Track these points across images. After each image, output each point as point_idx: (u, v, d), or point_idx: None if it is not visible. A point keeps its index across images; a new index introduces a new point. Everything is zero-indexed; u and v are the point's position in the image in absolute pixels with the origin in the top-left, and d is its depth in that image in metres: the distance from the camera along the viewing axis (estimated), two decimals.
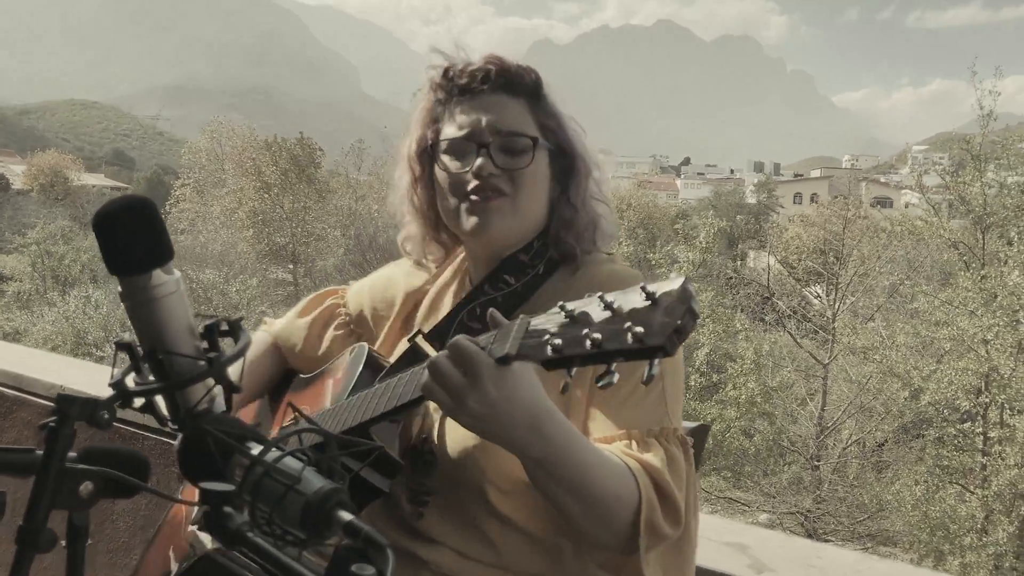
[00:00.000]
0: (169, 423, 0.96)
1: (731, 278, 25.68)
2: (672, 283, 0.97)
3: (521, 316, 1.11)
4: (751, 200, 72.56)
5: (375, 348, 1.61)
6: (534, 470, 1.24)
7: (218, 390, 0.97)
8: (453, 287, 1.65)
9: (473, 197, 1.49)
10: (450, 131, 1.52)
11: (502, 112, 1.50)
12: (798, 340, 22.34)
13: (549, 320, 1.06)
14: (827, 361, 20.26)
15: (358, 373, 1.45)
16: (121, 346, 0.94)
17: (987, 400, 15.29)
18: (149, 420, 1.10)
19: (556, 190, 1.54)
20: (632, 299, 0.99)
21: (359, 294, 1.80)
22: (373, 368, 1.47)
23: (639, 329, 0.95)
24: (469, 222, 1.50)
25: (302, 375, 1.73)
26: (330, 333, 1.77)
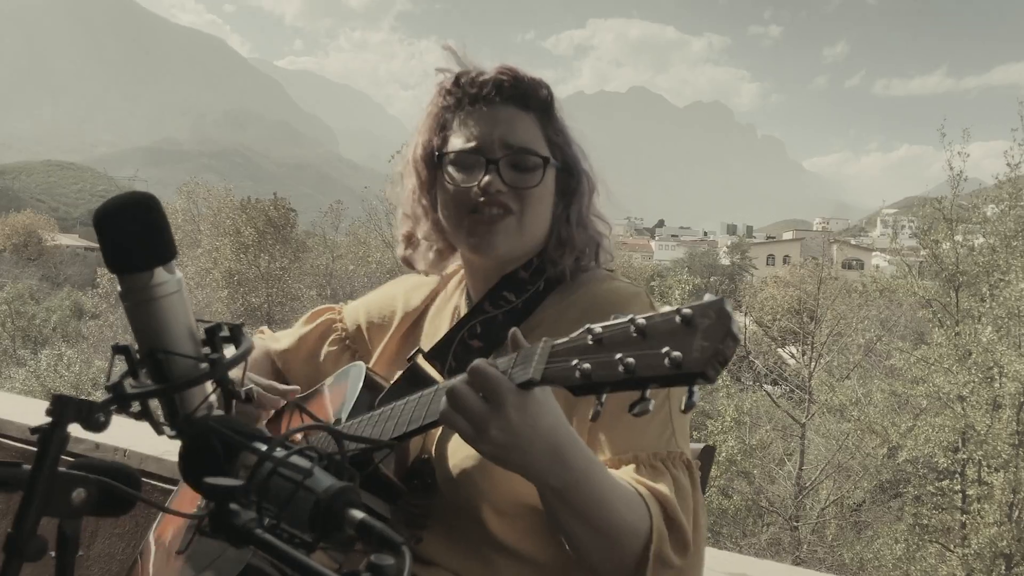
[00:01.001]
0: (166, 430, 0.92)
1: None
2: (708, 304, 0.92)
3: (544, 339, 1.06)
4: (725, 261, 73.25)
5: (372, 360, 1.58)
6: (550, 498, 1.19)
7: (216, 396, 0.93)
8: (451, 304, 1.63)
9: (477, 214, 1.46)
10: (458, 142, 1.48)
11: (513, 126, 1.47)
12: (775, 400, 22.38)
13: (575, 343, 1.01)
14: (804, 420, 20.27)
15: (357, 393, 1.40)
16: (118, 349, 0.91)
17: (964, 457, 15.30)
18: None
19: (559, 207, 1.51)
20: (666, 321, 0.93)
21: (357, 311, 1.77)
22: (371, 388, 1.43)
23: (677, 354, 0.90)
24: (472, 239, 1.47)
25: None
26: (325, 348, 1.74)
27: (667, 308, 0.95)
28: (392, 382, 1.44)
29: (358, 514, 0.75)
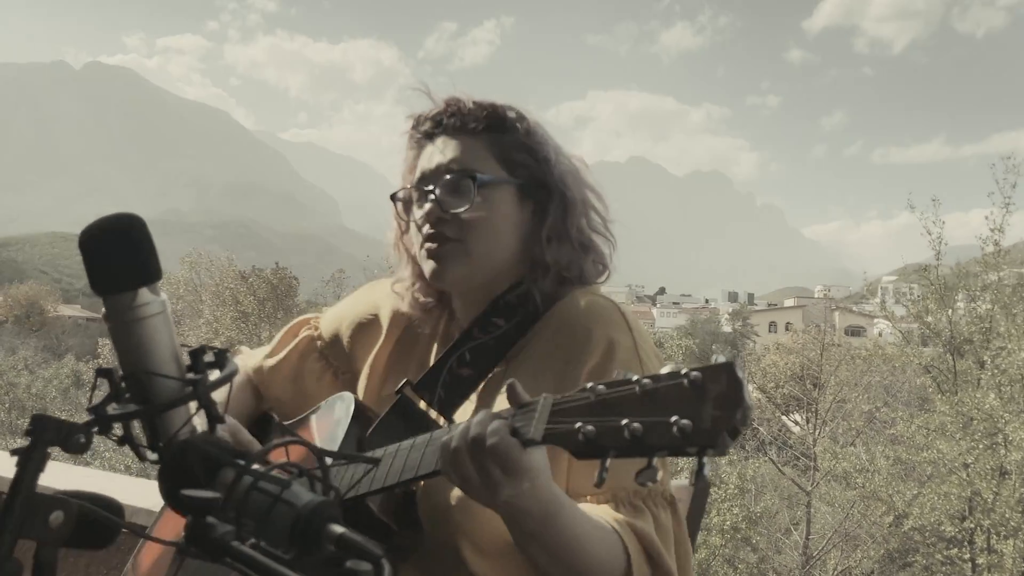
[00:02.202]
0: (147, 454, 0.91)
1: None
2: (718, 368, 0.87)
3: (544, 395, 1.03)
4: (727, 328, 73.15)
5: (361, 381, 1.55)
6: (522, 537, 1.18)
7: (198, 419, 0.92)
8: (442, 326, 1.60)
9: (427, 244, 1.46)
10: (412, 180, 1.51)
11: (453, 153, 1.46)
12: (780, 468, 22.12)
13: (576, 401, 0.97)
14: (810, 488, 20.00)
15: (346, 428, 1.37)
16: (101, 372, 0.90)
17: (972, 525, 15.05)
18: None
19: (535, 225, 1.48)
20: (672, 383, 0.89)
21: (335, 320, 1.72)
22: (360, 420, 1.39)
23: (686, 423, 0.85)
24: (427, 268, 1.47)
25: (282, 420, 1.64)
26: (307, 367, 1.70)
27: (671, 367, 0.92)
28: (382, 416, 1.41)
29: (338, 528, 0.73)
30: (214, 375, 0.93)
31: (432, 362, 1.52)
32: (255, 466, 0.80)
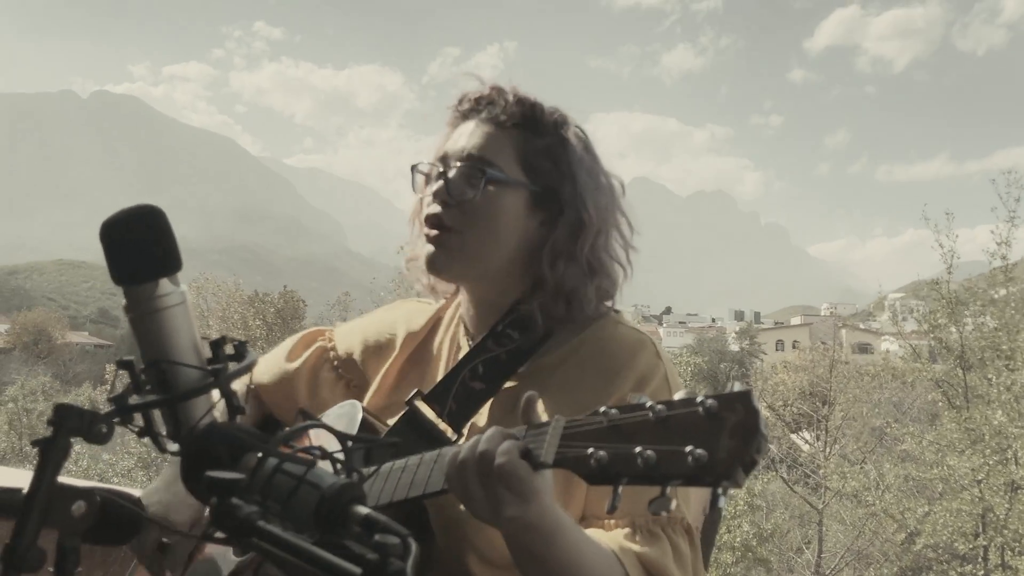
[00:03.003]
0: (168, 446, 0.91)
1: None
2: (735, 397, 0.85)
3: (556, 417, 1.01)
4: (734, 347, 72.93)
5: (370, 391, 1.53)
6: (521, 556, 1.16)
7: (218, 410, 0.92)
8: (449, 338, 1.57)
9: (426, 229, 1.44)
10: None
11: (477, 140, 1.43)
12: (791, 486, 21.98)
13: (589, 425, 0.95)
14: (821, 506, 19.86)
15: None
16: (122, 364, 0.90)
17: (985, 542, 14.90)
18: None
19: (543, 237, 1.44)
20: (687, 411, 0.87)
21: (349, 335, 1.69)
22: (368, 431, 1.37)
23: (700, 453, 0.84)
24: (424, 253, 1.45)
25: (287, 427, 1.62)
26: (320, 378, 1.67)
27: (685, 393, 0.90)
28: (390, 427, 1.39)
29: (363, 509, 0.73)
30: (233, 367, 0.93)
31: (443, 375, 1.49)
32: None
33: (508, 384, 1.43)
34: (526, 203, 1.44)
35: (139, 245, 0.91)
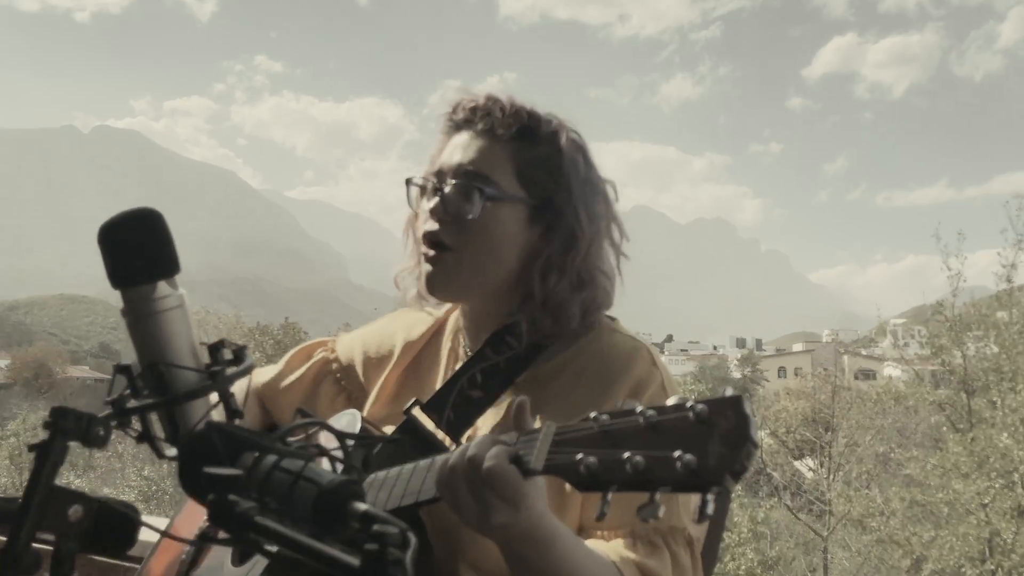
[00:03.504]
0: (166, 451, 0.90)
1: None
2: (725, 401, 0.84)
3: (547, 423, 1.00)
4: (736, 374, 72.75)
5: (369, 401, 1.52)
6: (516, 564, 1.14)
7: (216, 414, 0.92)
8: (447, 348, 1.56)
9: (424, 249, 1.43)
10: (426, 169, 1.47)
11: (473, 154, 1.41)
12: (795, 513, 21.83)
13: (579, 431, 0.94)
14: (826, 533, 19.70)
15: (351, 445, 1.35)
16: (120, 369, 0.90)
17: (993, 567, 14.76)
18: None
19: (542, 248, 1.42)
20: (678, 416, 0.86)
21: (351, 345, 1.68)
22: (364, 442, 1.36)
23: (690, 458, 0.83)
24: (423, 272, 1.44)
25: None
26: (320, 391, 1.65)
27: (676, 399, 0.89)
28: (388, 436, 1.38)
29: (361, 505, 0.72)
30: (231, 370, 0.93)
31: (441, 384, 1.48)
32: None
33: (507, 393, 1.42)
34: (524, 217, 1.42)
35: (137, 247, 0.91)
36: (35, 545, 0.82)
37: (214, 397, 0.91)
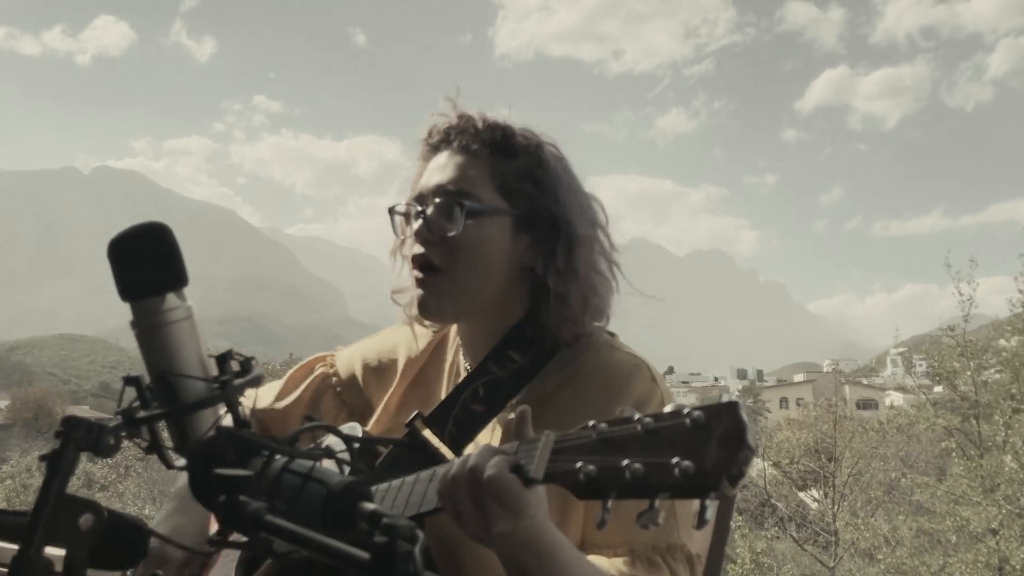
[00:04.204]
0: (175, 461, 0.91)
1: None
2: (721, 407, 0.85)
3: (546, 433, 1.01)
4: None
5: (373, 417, 1.52)
6: None
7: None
8: (448, 362, 1.57)
9: (415, 272, 1.43)
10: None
11: (451, 173, 1.41)
12: (801, 544, 21.64)
13: (578, 440, 0.95)
14: (833, 564, 19.53)
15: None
16: (129, 380, 0.91)
17: None
18: None
19: (533, 258, 1.42)
20: (675, 422, 0.87)
21: (351, 359, 1.68)
22: (369, 454, 1.36)
23: (688, 464, 0.83)
24: (416, 297, 1.44)
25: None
26: (321, 405, 1.65)
27: (673, 406, 0.90)
28: (389, 449, 1.38)
29: (370, 505, 0.73)
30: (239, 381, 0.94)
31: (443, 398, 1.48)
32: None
33: (507, 408, 1.42)
34: (510, 228, 1.42)
35: (146, 260, 0.93)
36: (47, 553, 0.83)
37: (222, 408, 0.92)
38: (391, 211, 1.49)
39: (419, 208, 1.42)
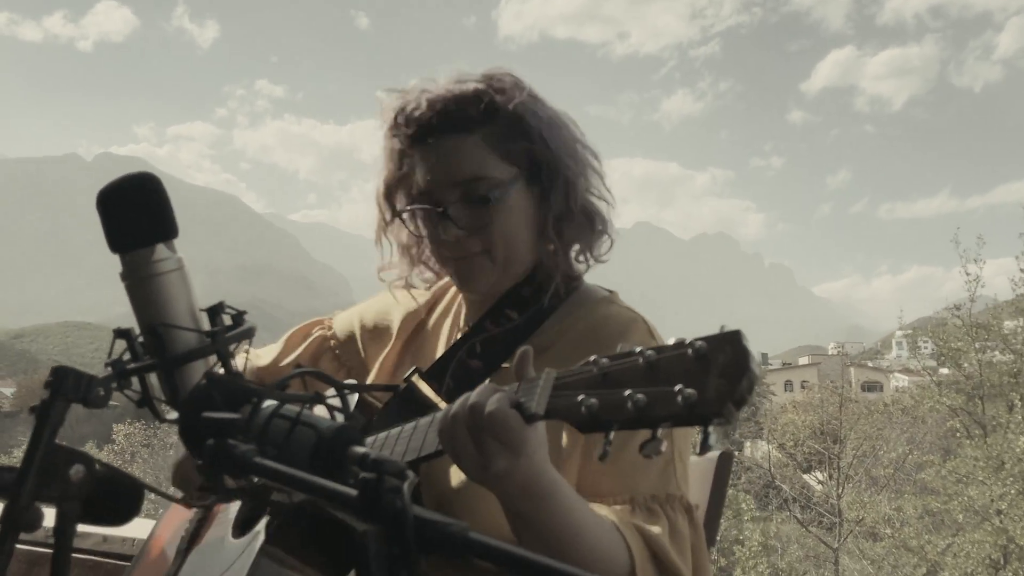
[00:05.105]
0: (166, 415, 0.91)
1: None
2: (723, 337, 0.85)
3: (547, 370, 1.00)
4: None
5: (371, 375, 1.52)
6: (516, 520, 1.14)
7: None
8: (449, 319, 1.57)
9: (454, 261, 1.43)
10: (413, 190, 1.44)
11: (454, 159, 1.38)
12: (806, 525, 21.71)
13: (580, 375, 0.95)
14: (837, 545, 19.57)
15: (351, 413, 1.35)
16: (119, 333, 0.90)
17: (1009, 574, 14.64)
18: None
19: (544, 209, 1.42)
20: (677, 354, 0.87)
21: (349, 320, 1.69)
22: (363, 409, 1.36)
23: (691, 392, 0.83)
24: (458, 281, 1.46)
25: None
26: (320, 366, 1.65)
27: (676, 340, 0.89)
28: (386, 403, 1.38)
29: (360, 449, 0.72)
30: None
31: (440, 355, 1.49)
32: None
33: (506, 364, 1.41)
34: (525, 190, 1.42)
35: (135, 211, 0.92)
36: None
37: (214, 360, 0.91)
38: (399, 214, 1.48)
39: (439, 208, 1.40)
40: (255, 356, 1.74)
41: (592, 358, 0.95)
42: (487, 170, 1.38)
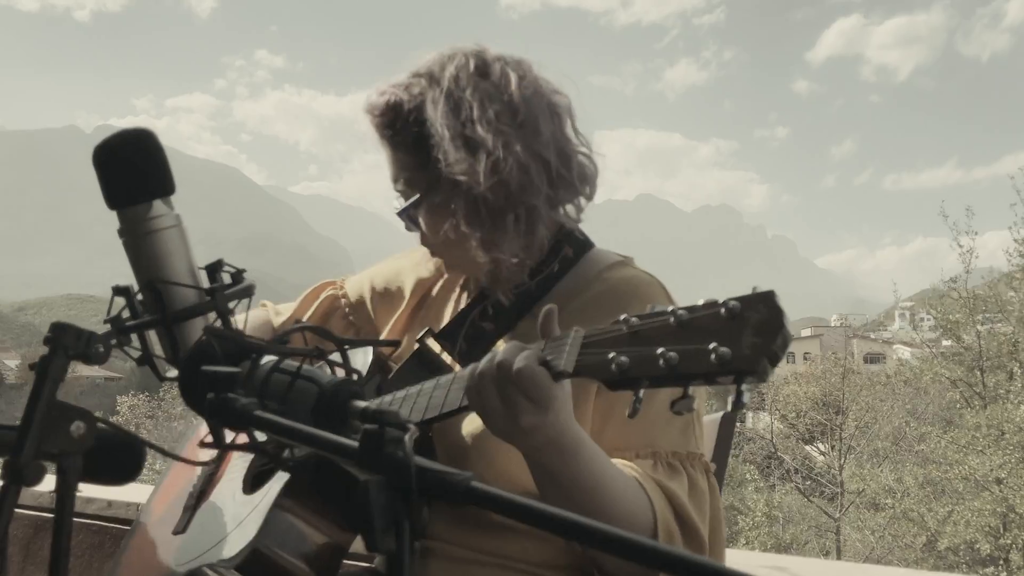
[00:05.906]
0: (167, 372, 0.90)
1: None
2: (757, 297, 0.85)
3: (575, 328, 1.01)
4: None
5: (382, 336, 1.53)
6: (541, 475, 1.15)
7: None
8: (459, 283, 1.58)
9: (430, 251, 1.46)
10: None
11: (390, 167, 1.42)
12: (808, 496, 21.85)
13: (609, 334, 0.95)
14: (838, 515, 19.71)
15: (365, 374, 1.35)
16: (118, 291, 0.90)
17: (1008, 542, 14.74)
18: None
19: (481, 195, 1.32)
20: (709, 313, 0.87)
21: (361, 283, 1.70)
22: (380, 369, 1.38)
23: (725, 350, 0.83)
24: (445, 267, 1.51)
25: None
26: (330, 326, 1.66)
27: (707, 300, 0.89)
28: (401, 364, 1.39)
29: (361, 403, 0.72)
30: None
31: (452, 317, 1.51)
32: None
33: (520, 324, 1.43)
34: (451, 187, 1.34)
35: (131, 166, 0.91)
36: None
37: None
38: (401, 215, 1.46)
39: (403, 216, 1.44)
40: (274, 313, 1.77)
41: (622, 317, 0.94)
42: (410, 176, 1.39)
